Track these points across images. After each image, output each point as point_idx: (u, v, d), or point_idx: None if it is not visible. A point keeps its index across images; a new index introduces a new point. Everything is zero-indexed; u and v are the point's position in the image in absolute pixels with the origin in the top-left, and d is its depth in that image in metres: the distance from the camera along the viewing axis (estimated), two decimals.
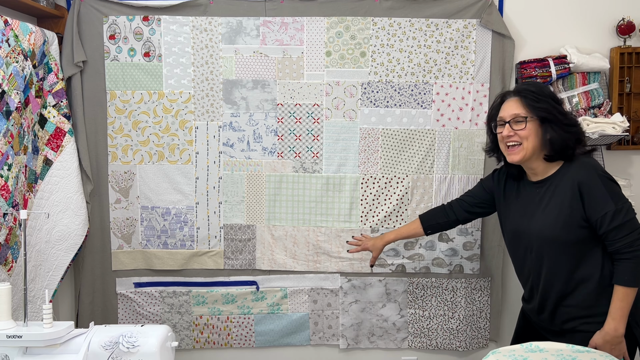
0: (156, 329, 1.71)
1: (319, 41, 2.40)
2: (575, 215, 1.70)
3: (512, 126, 1.74)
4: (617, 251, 1.68)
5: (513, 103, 1.77)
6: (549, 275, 1.78)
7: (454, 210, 2.09)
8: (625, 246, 1.66)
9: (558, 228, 1.72)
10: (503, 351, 1.61)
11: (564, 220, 1.71)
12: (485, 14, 2.35)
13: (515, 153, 1.75)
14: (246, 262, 2.49)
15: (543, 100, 1.73)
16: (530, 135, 1.72)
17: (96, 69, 2.40)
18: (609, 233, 1.66)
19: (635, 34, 2.39)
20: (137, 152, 2.44)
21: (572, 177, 1.71)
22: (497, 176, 1.99)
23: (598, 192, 1.67)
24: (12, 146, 1.93)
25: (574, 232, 1.71)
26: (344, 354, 2.58)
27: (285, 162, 2.46)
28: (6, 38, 1.90)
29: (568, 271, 1.75)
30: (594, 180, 1.68)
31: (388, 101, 2.42)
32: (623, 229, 1.65)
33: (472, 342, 2.52)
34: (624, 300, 1.67)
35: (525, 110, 1.73)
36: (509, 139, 1.75)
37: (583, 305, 1.75)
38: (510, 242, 1.93)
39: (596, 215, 1.67)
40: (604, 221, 1.66)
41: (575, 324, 1.76)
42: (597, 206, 1.66)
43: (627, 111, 2.41)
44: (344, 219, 2.47)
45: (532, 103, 1.72)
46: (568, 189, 1.71)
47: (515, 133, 1.73)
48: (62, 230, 2.26)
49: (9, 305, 1.64)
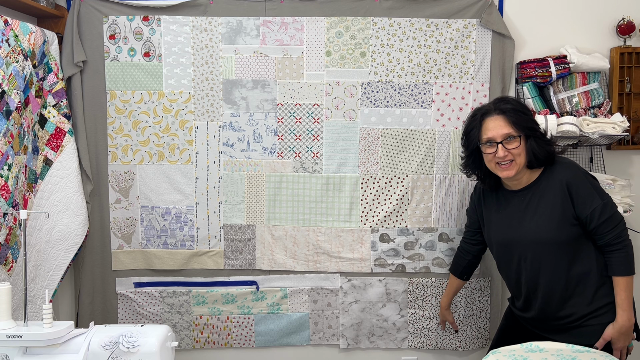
0: (156, 329, 1.71)
1: (319, 41, 2.40)
2: (566, 214, 1.75)
3: (504, 146, 1.77)
4: (608, 244, 1.75)
5: (500, 122, 1.79)
6: (549, 280, 1.80)
7: (465, 249, 2.19)
8: (614, 237, 1.73)
9: (553, 229, 1.76)
10: (503, 351, 1.62)
11: (557, 220, 1.76)
12: (485, 14, 2.35)
13: (509, 169, 1.79)
14: (246, 262, 2.49)
15: (525, 116, 1.80)
16: (522, 152, 1.77)
17: (96, 69, 2.40)
18: (599, 227, 1.73)
19: (635, 34, 2.39)
20: (137, 152, 2.44)
21: (559, 178, 1.77)
22: (474, 196, 2.08)
23: (585, 189, 1.74)
24: (12, 146, 1.93)
25: (567, 230, 1.76)
26: (344, 354, 2.58)
27: (285, 162, 2.46)
28: (6, 38, 1.90)
29: (567, 271, 1.78)
30: (579, 178, 1.76)
31: (388, 101, 2.42)
32: (610, 221, 1.73)
33: (472, 342, 2.52)
34: (627, 289, 1.74)
35: (513, 128, 1.77)
36: (503, 158, 1.78)
37: (586, 301, 1.78)
38: (501, 254, 1.94)
39: (586, 212, 1.73)
40: (593, 216, 1.73)
41: (582, 321, 1.79)
42: (586, 203, 1.73)
43: (627, 111, 2.41)
44: (344, 219, 2.47)
45: (517, 121, 1.77)
46: (557, 190, 1.76)
47: (509, 152, 1.77)
48: (62, 230, 2.26)
49: (9, 305, 1.64)
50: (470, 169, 1.96)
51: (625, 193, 2.27)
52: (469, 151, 1.91)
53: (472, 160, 1.93)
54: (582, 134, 2.23)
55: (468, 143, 1.89)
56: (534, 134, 1.78)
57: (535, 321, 1.91)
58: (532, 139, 1.78)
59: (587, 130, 2.23)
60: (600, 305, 1.77)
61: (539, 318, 1.88)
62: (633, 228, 2.46)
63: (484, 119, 1.82)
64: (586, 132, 2.23)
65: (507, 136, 1.76)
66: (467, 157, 1.94)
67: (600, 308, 1.77)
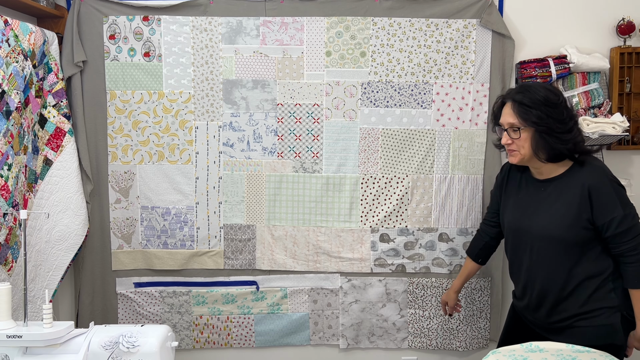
0: (156, 329, 1.71)
1: (319, 41, 2.40)
2: (581, 217, 1.73)
3: (509, 134, 1.78)
4: (622, 254, 1.73)
5: (508, 110, 1.79)
6: (549, 274, 1.80)
7: (483, 230, 2.15)
8: (629, 249, 1.71)
9: (563, 228, 1.74)
10: (503, 351, 1.61)
11: (570, 220, 1.74)
12: (485, 13, 2.35)
13: (513, 156, 1.81)
14: (246, 262, 2.49)
15: (535, 109, 1.73)
16: (525, 143, 1.76)
17: (96, 69, 2.40)
18: (615, 237, 1.71)
19: (635, 34, 2.39)
20: (137, 152, 2.44)
21: (583, 180, 1.74)
22: (499, 176, 2.05)
23: (608, 197, 1.71)
24: (12, 146, 1.93)
25: (578, 233, 1.74)
26: (344, 354, 2.58)
27: (285, 162, 2.46)
28: (6, 38, 1.89)
29: (568, 272, 1.77)
30: (604, 185, 1.72)
31: (388, 101, 2.42)
32: (629, 233, 1.71)
33: (472, 342, 2.52)
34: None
35: (518, 120, 1.76)
36: (507, 145, 1.80)
37: (581, 302, 1.77)
38: (511, 239, 1.95)
39: (604, 220, 1.71)
40: (610, 225, 1.70)
41: (572, 321, 1.78)
42: (606, 211, 1.71)
43: (627, 111, 2.41)
44: (344, 219, 2.47)
45: (524, 114, 1.74)
46: (577, 191, 1.74)
47: (513, 141, 1.77)
48: (62, 230, 2.26)
49: (9, 305, 1.63)
50: (503, 147, 1.95)
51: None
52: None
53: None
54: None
55: (494, 120, 1.90)
56: (545, 128, 1.72)
57: (530, 311, 1.90)
58: (543, 134, 1.72)
59: (587, 130, 2.23)
60: (593, 308, 1.75)
61: (534, 308, 1.87)
62: None
63: (504, 103, 1.83)
64: (586, 132, 2.23)
65: (511, 126, 1.77)
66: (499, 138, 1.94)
67: (593, 311, 1.75)
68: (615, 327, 1.75)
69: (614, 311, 1.75)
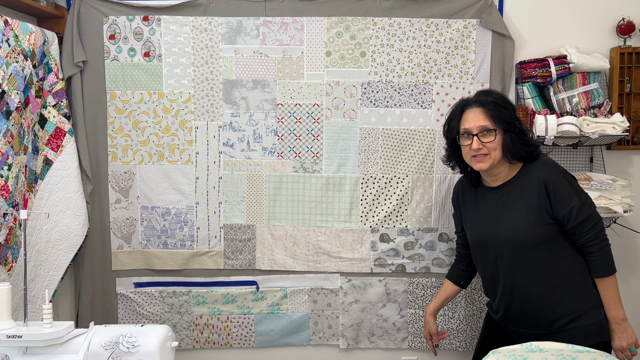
0: (156, 329, 1.71)
1: (319, 41, 2.40)
2: (542, 212, 1.73)
3: (480, 138, 1.76)
4: (584, 245, 1.74)
5: (478, 114, 1.78)
6: (525, 279, 1.78)
7: (460, 254, 2.14)
8: (590, 239, 1.72)
9: (530, 227, 1.74)
10: (503, 351, 1.62)
11: (534, 217, 1.74)
12: (485, 14, 2.35)
13: (483, 162, 1.78)
14: (246, 262, 2.49)
15: (505, 110, 1.77)
16: (498, 146, 1.76)
17: (96, 69, 2.40)
18: (576, 228, 1.72)
19: (635, 34, 2.39)
20: (137, 152, 2.44)
21: (536, 176, 1.75)
22: (454, 197, 2.08)
23: (563, 188, 1.73)
24: (12, 146, 1.93)
25: (543, 229, 1.74)
26: (344, 354, 2.58)
27: (285, 162, 2.46)
28: (6, 38, 1.90)
29: (543, 271, 1.76)
30: (557, 177, 1.74)
31: (388, 101, 2.42)
32: (588, 222, 1.72)
33: (472, 342, 2.52)
34: (610, 288, 1.74)
35: (491, 122, 1.76)
36: (477, 151, 1.77)
37: (566, 302, 1.76)
38: (478, 252, 1.93)
39: (563, 211, 1.72)
40: (570, 216, 1.71)
41: (562, 322, 1.77)
42: (564, 202, 1.72)
43: (627, 111, 2.41)
44: (344, 219, 2.47)
45: (496, 114, 1.76)
46: (534, 187, 1.75)
47: (483, 145, 1.76)
48: (62, 230, 2.26)
49: (9, 305, 1.64)
50: (453, 161, 1.97)
51: (625, 193, 2.26)
52: (450, 141, 1.93)
53: (453, 151, 1.94)
54: (582, 134, 2.23)
55: (448, 133, 1.91)
56: (512, 129, 1.76)
57: (512, 322, 1.88)
58: (510, 134, 1.76)
59: (587, 130, 2.23)
60: (580, 307, 1.75)
61: (518, 317, 1.85)
62: (633, 228, 2.47)
63: (464, 110, 1.83)
64: (586, 132, 2.23)
65: (483, 129, 1.76)
66: (449, 148, 1.96)
67: (582, 309, 1.75)
68: (603, 323, 1.75)
69: (598, 307, 1.76)
